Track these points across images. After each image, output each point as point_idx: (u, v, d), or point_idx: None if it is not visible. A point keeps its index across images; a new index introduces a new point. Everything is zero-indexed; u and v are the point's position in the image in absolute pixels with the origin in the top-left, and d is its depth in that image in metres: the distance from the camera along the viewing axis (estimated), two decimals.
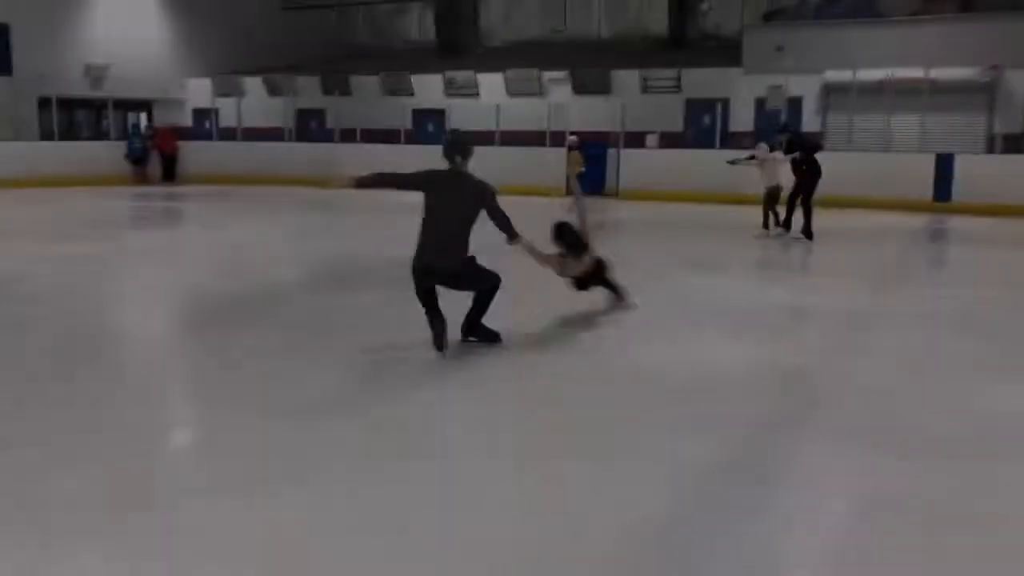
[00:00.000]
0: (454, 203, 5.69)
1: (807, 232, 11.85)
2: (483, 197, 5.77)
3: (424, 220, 5.73)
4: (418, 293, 5.75)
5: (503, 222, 5.81)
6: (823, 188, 11.77)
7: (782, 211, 12.34)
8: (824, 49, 19.41)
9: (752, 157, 12.68)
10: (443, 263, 5.67)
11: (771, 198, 12.33)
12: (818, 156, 12.03)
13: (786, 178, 12.15)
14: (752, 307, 7.64)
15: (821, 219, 12.28)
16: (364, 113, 23.18)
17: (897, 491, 3.71)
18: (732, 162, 13.26)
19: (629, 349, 6.01)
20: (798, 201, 11.99)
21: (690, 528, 3.33)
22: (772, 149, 12.43)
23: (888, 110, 18.07)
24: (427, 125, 23.46)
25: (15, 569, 2.96)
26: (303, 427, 4.38)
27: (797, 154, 11.90)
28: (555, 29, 26.74)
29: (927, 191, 16.81)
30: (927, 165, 16.91)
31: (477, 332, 5.90)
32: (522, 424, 4.54)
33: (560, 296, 7.09)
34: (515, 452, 4.13)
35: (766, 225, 12.38)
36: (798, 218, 12.02)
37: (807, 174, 11.90)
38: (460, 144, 5.86)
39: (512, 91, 22.59)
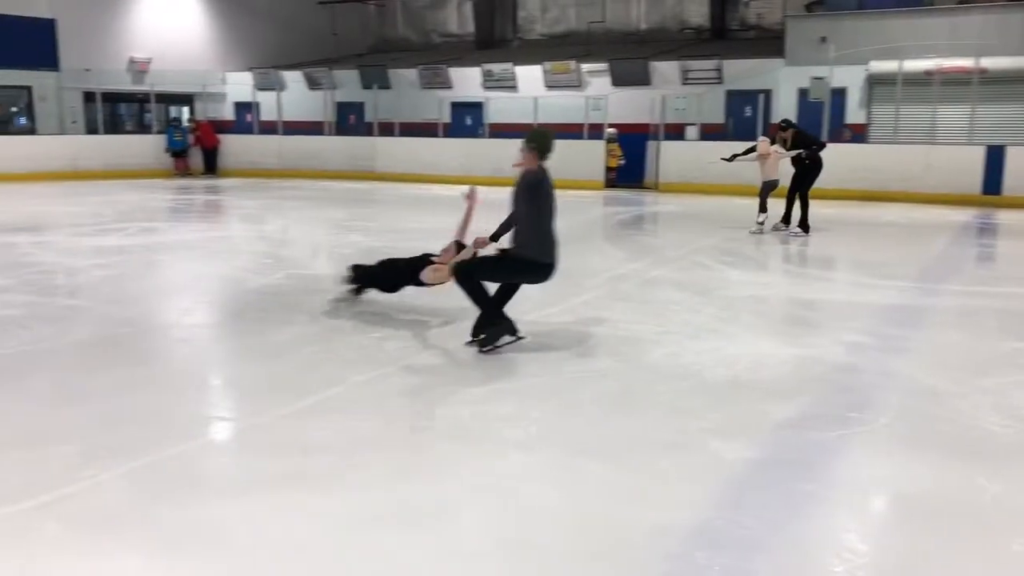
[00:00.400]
0: (553, 199, 5.78)
1: (804, 225, 11.71)
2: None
3: (540, 219, 5.68)
4: (512, 285, 5.81)
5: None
6: (866, 182, 11.57)
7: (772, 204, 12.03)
8: (869, 39, 19.01)
9: (752, 149, 12.19)
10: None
11: (768, 192, 11.95)
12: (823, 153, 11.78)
13: (784, 173, 11.96)
14: (792, 303, 7.51)
15: (866, 213, 12.08)
16: (402, 106, 23.22)
17: (941, 493, 3.61)
18: (730, 159, 12.46)
19: (665, 346, 5.92)
20: (796, 195, 11.81)
21: (733, 528, 3.26)
22: (772, 143, 12.11)
23: (935, 101, 17.66)
24: (465, 118, 23.44)
25: (53, 565, 2.97)
26: (340, 421, 4.37)
27: (803, 151, 11.63)
28: (594, 21, 26.53)
29: (976, 184, 16.42)
30: (976, 158, 16.52)
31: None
32: (559, 421, 4.49)
33: (590, 292, 7.01)
34: (552, 450, 4.08)
35: (763, 208, 11.98)
36: (790, 213, 11.91)
37: (808, 168, 11.70)
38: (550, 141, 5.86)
39: (550, 83, 22.47)
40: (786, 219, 12.04)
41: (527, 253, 5.67)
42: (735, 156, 12.36)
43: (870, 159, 17.31)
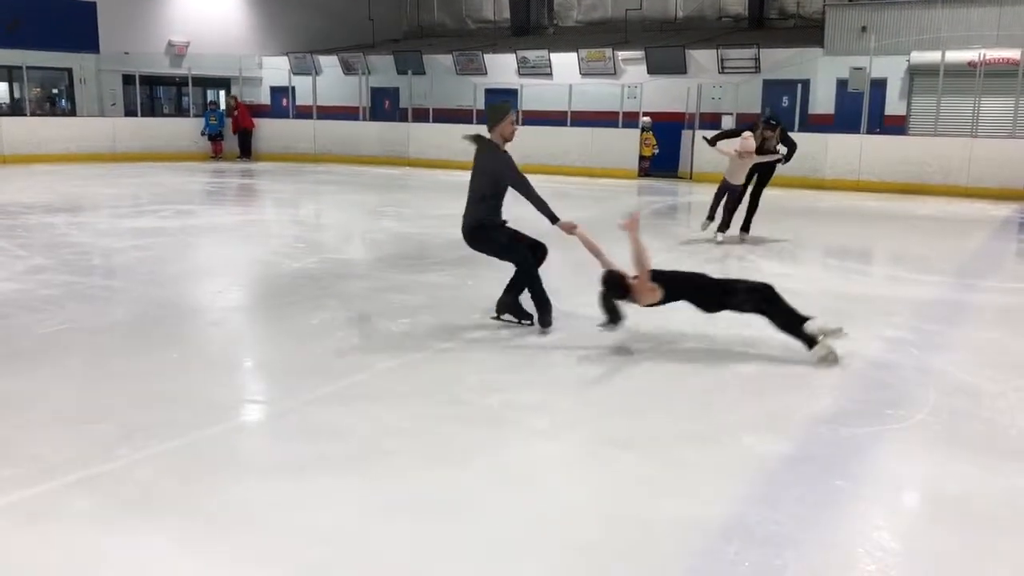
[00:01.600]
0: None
1: (747, 228, 10.47)
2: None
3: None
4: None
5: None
6: (905, 175, 11.28)
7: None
8: (911, 29, 18.70)
9: (734, 134, 10.44)
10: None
11: (725, 193, 10.19)
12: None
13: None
14: (827, 297, 7.40)
15: (904, 206, 11.85)
16: (437, 92, 23.21)
17: (977, 493, 3.54)
18: (711, 141, 10.40)
19: (697, 338, 5.87)
20: (752, 199, 10.51)
21: (764, 523, 3.22)
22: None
23: (978, 93, 17.32)
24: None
25: (87, 545, 3.01)
26: (368, 407, 4.38)
27: (784, 152, 10.35)
28: (631, 8, 26.31)
29: (1018, 178, 16.09)
30: (1019, 151, 16.19)
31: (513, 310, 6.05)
32: (587, 412, 4.47)
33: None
34: (580, 440, 4.06)
35: (712, 216, 10.29)
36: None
37: (771, 171, 10.48)
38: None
39: (585, 71, 22.35)
40: (745, 227, 10.49)
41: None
42: (717, 137, 10.48)
43: (910, 151, 17.03)
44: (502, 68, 23.73)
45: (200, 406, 4.36)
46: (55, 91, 23.56)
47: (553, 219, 5.70)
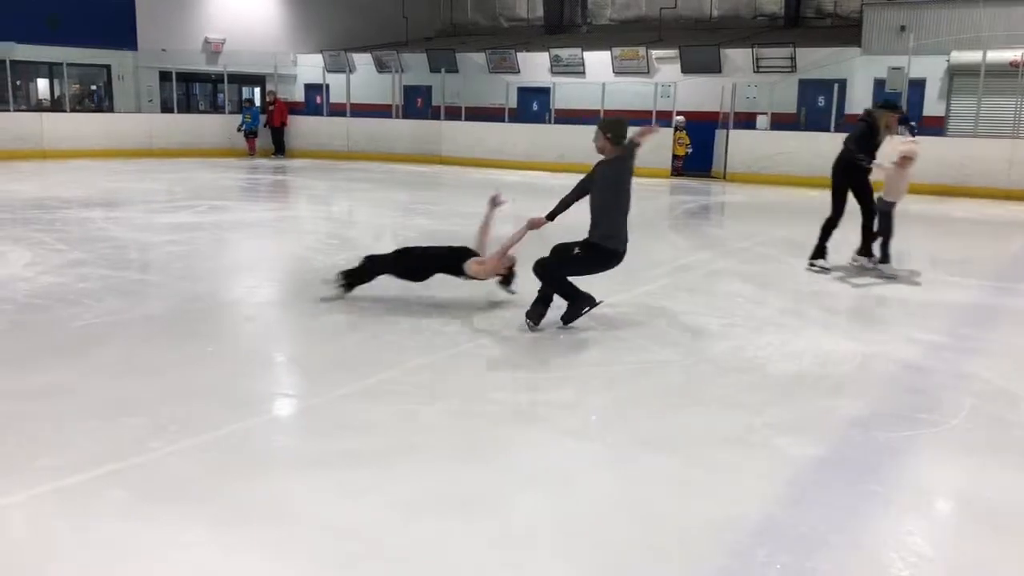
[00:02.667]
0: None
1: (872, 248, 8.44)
2: None
3: (619, 207, 5.92)
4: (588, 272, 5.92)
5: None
6: (944, 177, 11.00)
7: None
8: (950, 28, 18.41)
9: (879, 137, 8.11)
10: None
11: (876, 216, 8.24)
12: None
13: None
14: (862, 298, 7.32)
15: (942, 208, 11.56)
16: (469, 90, 23.24)
17: (1012, 500, 3.49)
18: (862, 159, 8.05)
19: (729, 338, 5.82)
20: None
21: (795, 526, 3.19)
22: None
23: (1020, 94, 17.01)
24: (532, 103, 23.37)
25: (119, 535, 3.05)
26: (398, 403, 4.40)
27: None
28: (665, 7, 26.18)
29: None
30: None
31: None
32: (618, 411, 4.45)
33: (655, 282, 6.93)
34: (611, 440, 4.04)
35: (869, 251, 8.31)
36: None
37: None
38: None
39: (618, 69, 22.26)
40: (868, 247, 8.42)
41: (610, 244, 5.71)
42: (863, 159, 8.09)
43: (949, 153, 16.77)
44: (535, 66, 23.71)
45: (233, 400, 4.40)
46: (94, 88, 23.91)
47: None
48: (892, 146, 8.26)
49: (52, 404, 4.29)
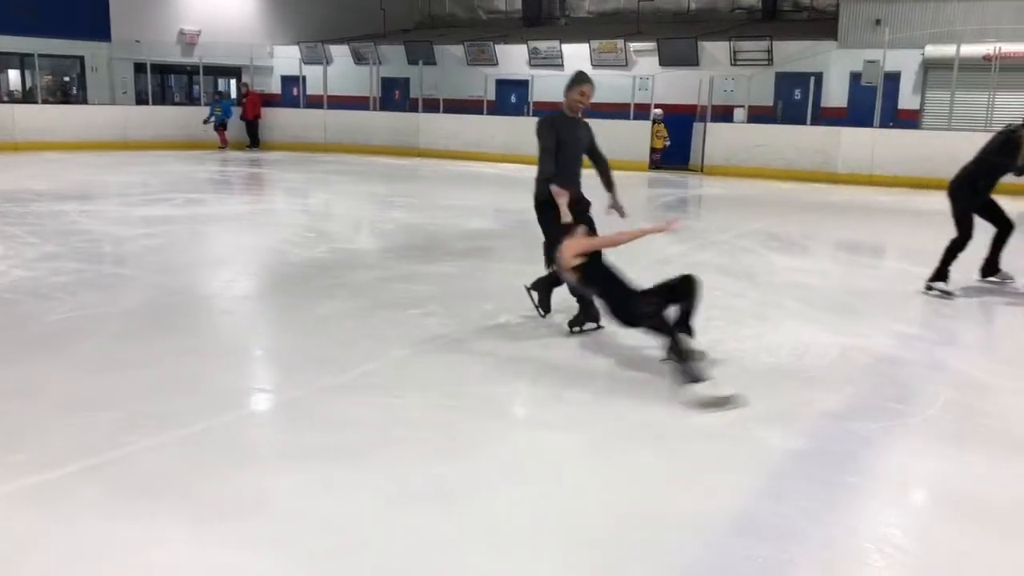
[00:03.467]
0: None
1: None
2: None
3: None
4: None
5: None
6: (919, 169, 11.13)
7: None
8: (925, 22, 18.57)
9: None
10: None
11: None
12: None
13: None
14: (839, 290, 7.37)
15: (917, 200, 11.65)
16: (447, 83, 23.18)
17: (987, 490, 3.52)
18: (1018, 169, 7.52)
19: (708, 331, 5.83)
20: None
21: (773, 518, 3.20)
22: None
23: (993, 88, 17.19)
24: (510, 96, 23.35)
25: (95, 533, 3.02)
26: (378, 397, 4.38)
27: None
28: None
29: None
30: None
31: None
32: (597, 404, 4.45)
33: (633, 275, 6.93)
34: (591, 432, 4.04)
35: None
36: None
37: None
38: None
39: (597, 62, 22.27)
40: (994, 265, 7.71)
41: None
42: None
43: (923, 146, 16.92)
44: (513, 59, 23.68)
45: (210, 395, 4.36)
46: (67, 79, 23.63)
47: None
48: None
49: (25, 399, 4.23)
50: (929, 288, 7.17)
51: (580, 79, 5.80)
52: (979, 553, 3.05)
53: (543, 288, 5.89)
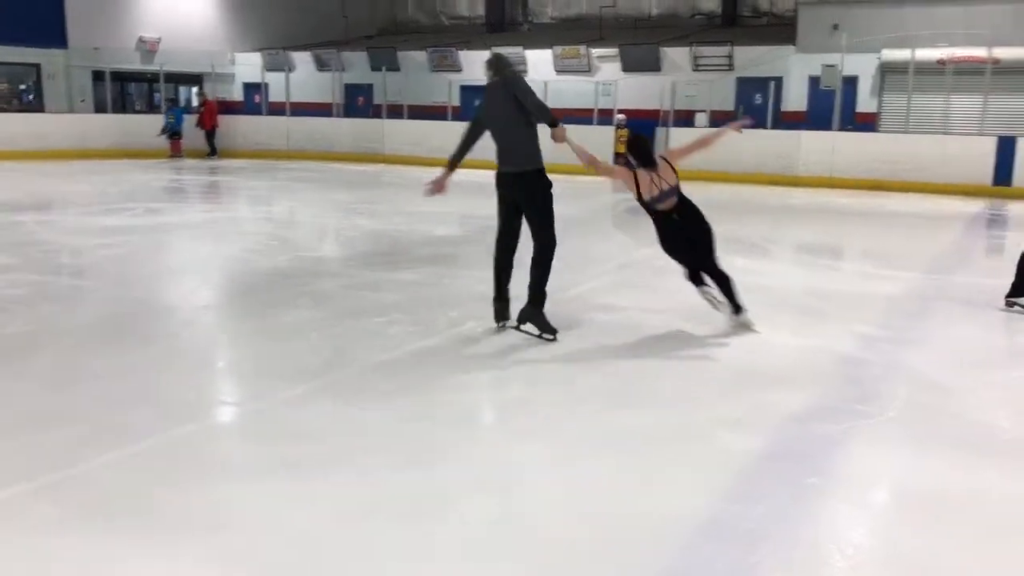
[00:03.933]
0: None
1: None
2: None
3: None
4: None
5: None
6: (877, 172, 11.23)
7: None
8: (881, 27, 18.87)
9: None
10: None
11: None
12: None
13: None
14: (800, 293, 7.46)
15: (875, 202, 11.75)
16: (411, 89, 23.13)
17: (948, 489, 3.57)
18: None
19: (673, 334, 5.88)
20: None
21: (738, 521, 3.22)
22: None
23: (948, 91, 17.52)
24: (474, 101, 23.33)
25: (51, 547, 2.96)
26: (342, 407, 4.35)
27: None
28: (605, 5, 26.37)
29: (987, 175, 16.30)
30: (988, 148, 16.40)
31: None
32: (563, 409, 4.45)
33: (598, 279, 6.97)
34: (556, 439, 4.04)
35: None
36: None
37: None
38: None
39: (560, 68, 22.37)
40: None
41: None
42: None
43: (881, 149, 17.20)
44: (477, 64, 23.50)
45: (170, 407, 4.30)
46: (22, 87, 23.23)
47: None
48: None
49: None
50: (1010, 305, 6.72)
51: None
52: (941, 552, 3.09)
53: (541, 317, 5.67)
